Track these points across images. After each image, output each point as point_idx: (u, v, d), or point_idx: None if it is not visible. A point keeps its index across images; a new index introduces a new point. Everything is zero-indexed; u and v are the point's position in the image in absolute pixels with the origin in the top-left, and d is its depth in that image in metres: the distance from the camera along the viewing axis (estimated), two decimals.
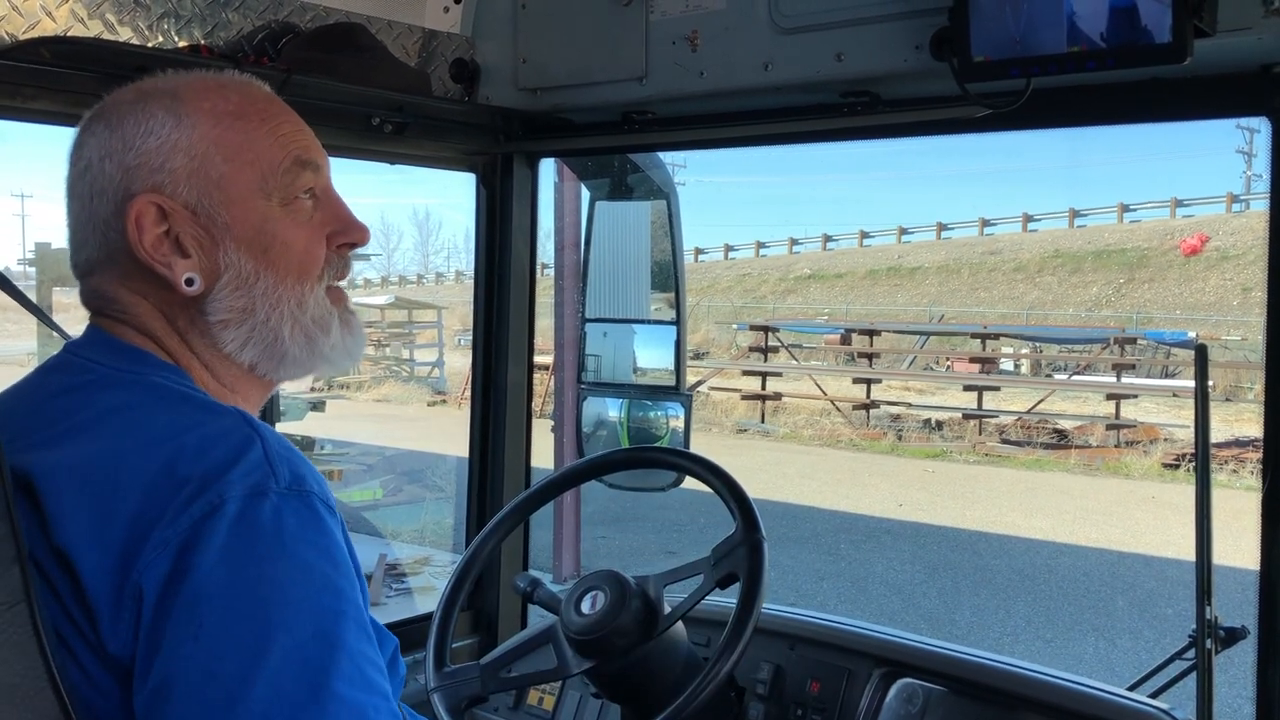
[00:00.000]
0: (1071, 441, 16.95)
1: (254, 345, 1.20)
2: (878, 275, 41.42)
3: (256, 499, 1.01)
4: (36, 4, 1.66)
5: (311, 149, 1.25)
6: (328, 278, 1.25)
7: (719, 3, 1.93)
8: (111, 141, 1.18)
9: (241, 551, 0.99)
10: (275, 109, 1.24)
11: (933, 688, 1.79)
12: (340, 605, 1.02)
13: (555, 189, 8.41)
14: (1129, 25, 1.45)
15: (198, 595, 0.97)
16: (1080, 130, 1.85)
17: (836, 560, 10.10)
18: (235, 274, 1.18)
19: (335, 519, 1.07)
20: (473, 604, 2.49)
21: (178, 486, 1.00)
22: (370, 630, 1.05)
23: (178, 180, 1.16)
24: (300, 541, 1.02)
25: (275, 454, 1.05)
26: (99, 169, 1.18)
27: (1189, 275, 33.58)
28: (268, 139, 1.21)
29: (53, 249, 9.38)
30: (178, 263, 1.17)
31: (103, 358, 1.17)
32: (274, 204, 1.20)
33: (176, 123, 1.17)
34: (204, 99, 1.20)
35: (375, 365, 24.51)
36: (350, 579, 1.05)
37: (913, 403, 20.76)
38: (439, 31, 2.24)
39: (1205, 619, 1.69)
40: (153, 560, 0.98)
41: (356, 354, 1.29)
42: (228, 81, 1.24)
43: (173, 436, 1.05)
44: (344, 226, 1.26)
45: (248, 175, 1.19)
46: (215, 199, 1.17)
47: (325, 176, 1.27)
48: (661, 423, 2.46)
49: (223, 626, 0.96)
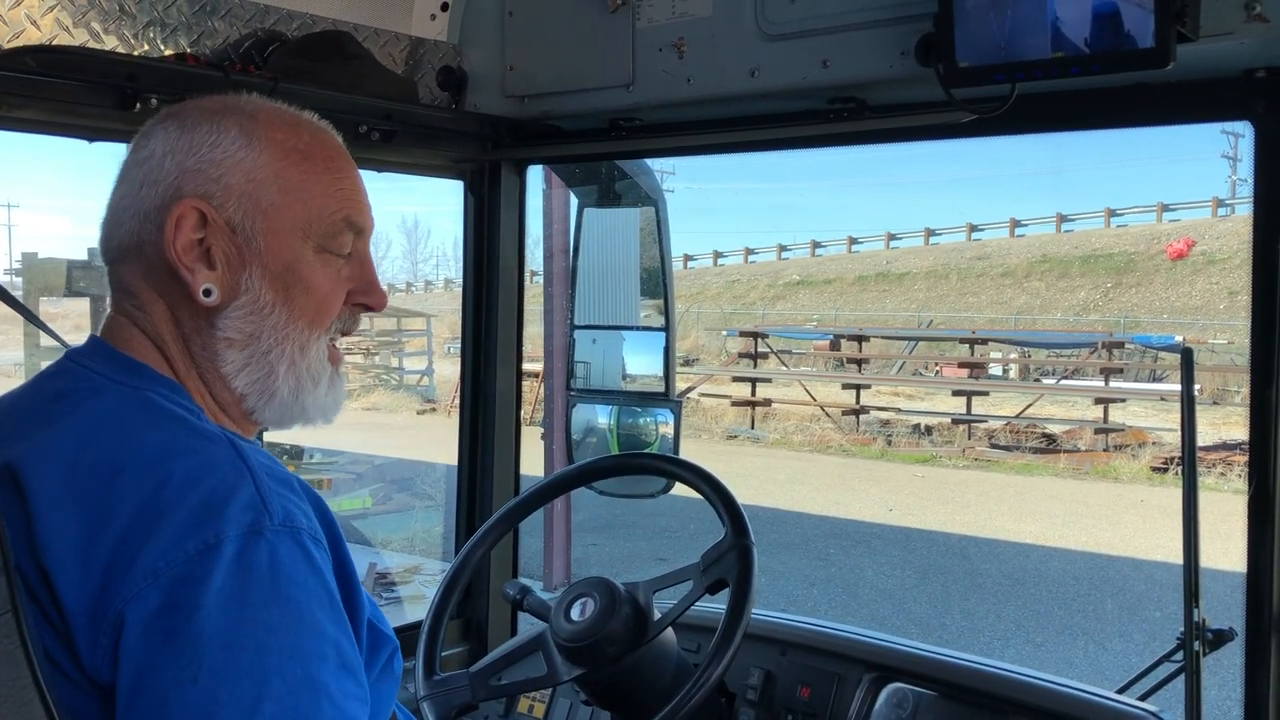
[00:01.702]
0: (1060, 445, 17.00)
1: (249, 373, 1.21)
2: (866, 281, 41.49)
3: (253, 539, 1.02)
4: (21, 13, 1.65)
5: (364, 213, 1.27)
6: (334, 331, 1.27)
7: (706, 10, 1.94)
8: (180, 141, 1.20)
9: (241, 595, 1.00)
10: (341, 162, 1.27)
11: (923, 692, 1.79)
12: (323, 648, 1.04)
13: (544, 196, 8.42)
14: (1112, 31, 1.46)
15: (198, 636, 0.98)
16: (1066, 135, 1.86)
17: (826, 565, 10.10)
18: (253, 299, 1.20)
19: (323, 551, 1.09)
20: (462, 612, 2.48)
21: (165, 513, 1.01)
22: (347, 659, 1.07)
23: (229, 195, 1.18)
24: (292, 583, 1.04)
25: (267, 489, 1.07)
26: (158, 162, 1.20)
27: (1175, 279, 33.73)
28: (327, 188, 1.23)
29: (39, 259, 9.33)
30: (201, 271, 1.18)
31: (101, 367, 1.18)
32: (309, 248, 1.22)
33: (246, 143, 1.20)
34: (278, 130, 1.22)
35: (364, 374, 24.45)
36: (332, 613, 1.07)
37: (902, 408, 20.80)
38: (426, 39, 2.24)
39: (1193, 621, 1.70)
40: (140, 591, 0.99)
41: (333, 414, 1.30)
42: (305, 122, 1.27)
43: (164, 460, 1.06)
44: (365, 288, 1.28)
45: (296, 213, 1.21)
46: (258, 224, 1.19)
47: (366, 238, 1.29)
48: (651, 429, 2.46)
49: (224, 672, 0.98)
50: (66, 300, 9.71)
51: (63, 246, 78.68)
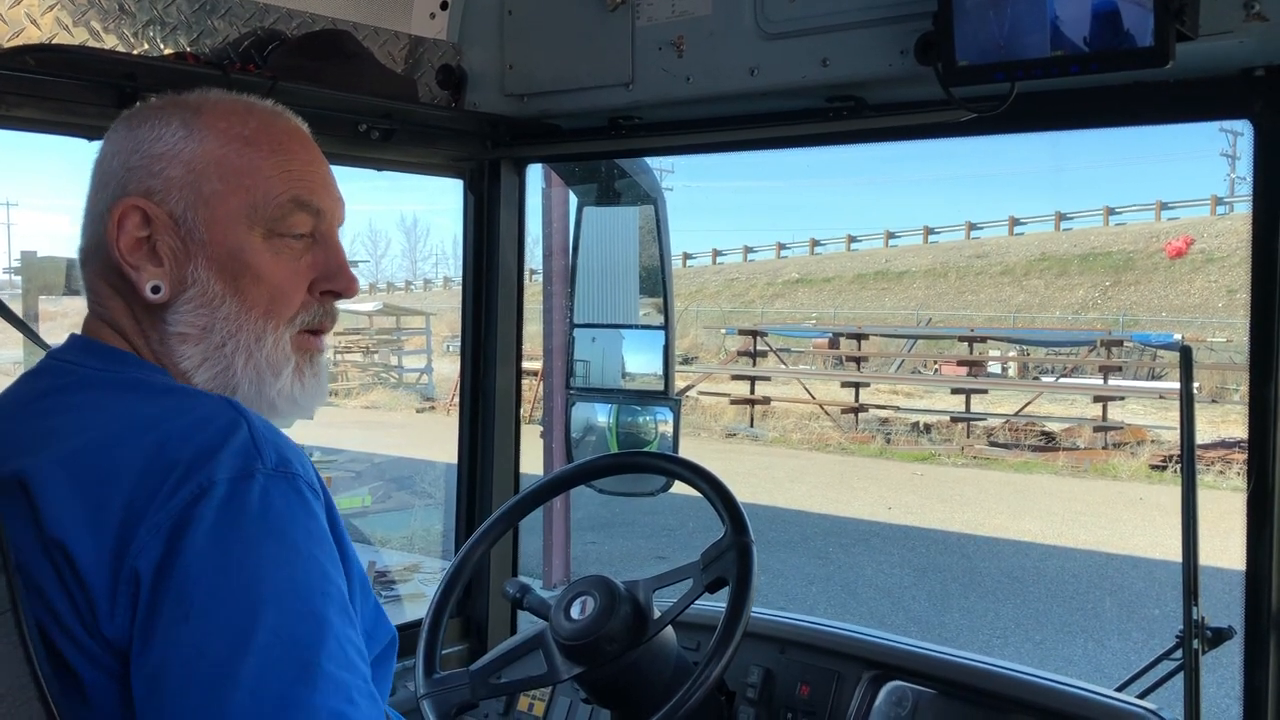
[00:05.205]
0: (1059, 444, 17.00)
1: (208, 368, 1.20)
2: (865, 279, 41.48)
3: (244, 481, 1.02)
4: (21, 11, 1.65)
5: (317, 192, 1.24)
6: (300, 323, 1.24)
7: (705, 8, 1.94)
8: (126, 140, 1.20)
9: (229, 532, 1.00)
10: (292, 144, 1.24)
11: (922, 690, 1.80)
12: (326, 586, 1.03)
13: (543, 194, 8.41)
14: (1111, 29, 1.46)
15: (186, 577, 0.98)
16: (1065, 134, 1.86)
17: (826, 564, 10.10)
18: (200, 291, 1.18)
19: (320, 501, 1.08)
20: (462, 610, 2.48)
21: (168, 470, 1.01)
22: (351, 612, 1.06)
23: (170, 189, 1.18)
24: (287, 522, 1.03)
25: (261, 436, 1.07)
26: (108, 164, 1.20)
27: (1174, 278, 33.73)
28: (272, 171, 1.20)
29: (38, 258, 9.32)
30: (147, 268, 1.18)
31: (83, 360, 1.18)
32: (256, 235, 1.20)
33: (187, 134, 1.19)
34: (221, 119, 1.21)
35: (364, 372, 24.46)
36: (334, 560, 1.06)
37: (901, 406, 20.81)
38: (426, 38, 2.24)
39: (1192, 619, 1.70)
40: (146, 544, 0.99)
41: (307, 406, 1.27)
42: (255, 108, 1.25)
43: (160, 422, 1.06)
44: (331, 274, 1.25)
45: (238, 200, 1.19)
46: (200, 215, 1.18)
47: (328, 221, 1.26)
48: (650, 428, 2.46)
49: (212, 605, 0.97)
50: (66, 298, 9.71)
51: (62, 245, 78.67)
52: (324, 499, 1.10)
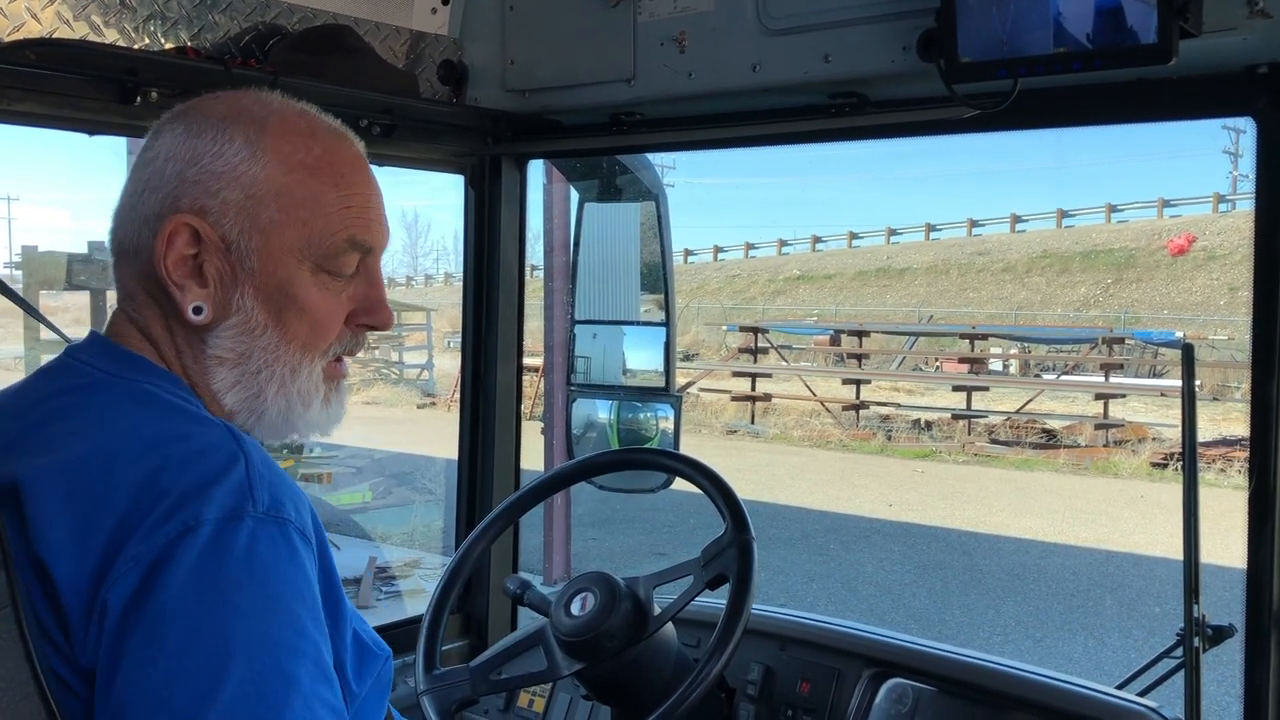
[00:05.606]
0: (1060, 441, 17.01)
1: (239, 392, 1.18)
2: (867, 276, 41.47)
3: (232, 523, 1.00)
4: (22, 6, 1.65)
5: (372, 231, 1.22)
6: (333, 352, 1.24)
7: (707, 4, 1.94)
8: (184, 147, 1.17)
9: (210, 575, 0.97)
10: (354, 176, 1.21)
11: (922, 687, 1.80)
12: (300, 643, 1.00)
13: (544, 191, 8.41)
14: (1114, 26, 1.46)
15: (160, 615, 0.95)
16: (1067, 131, 1.86)
17: (826, 561, 10.11)
18: (244, 319, 1.17)
19: (310, 548, 1.06)
20: (463, 606, 2.48)
21: (158, 499, 1.00)
22: (326, 666, 1.03)
23: (225, 211, 1.15)
24: (270, 571, 1.00)
25: (258, 475, 1.04)
26: (160, 167, 1.17)
27: (1176, 275, 33.71)
28: (332, 206, 1.18)
29: (39, 252, 9.32)
30: (192, 289, 1.16)
31: (100, 362, 1.17)
32: (305, 269, 1.18)
33: (250, 155, 1.16)
34: (286, 140, 1.18)
35: (364, 368, 24.45)
36: (315, 614, 1.03)
37: (902, 403, 20.81)
38: (427, 33, 2.23)
39: (1193, 617, 1.70)
40: (122, 575, 0.97)
41: (329, 429, 1.27)
42: (319, 129, 1.22)
43: (161, 445, 1.04)
44: (370, 308, 1.24)
45: (294, 233, 1.17)
46: (253, 243, 1.15)
47: (375, 255, 1.24)
48: (651, 424, 2.46)
49: (182, 651, 0.95)
50: (66, 294, 9.71)
51: (63, 240, 78.29)
52: (316, 544, 1.08)
